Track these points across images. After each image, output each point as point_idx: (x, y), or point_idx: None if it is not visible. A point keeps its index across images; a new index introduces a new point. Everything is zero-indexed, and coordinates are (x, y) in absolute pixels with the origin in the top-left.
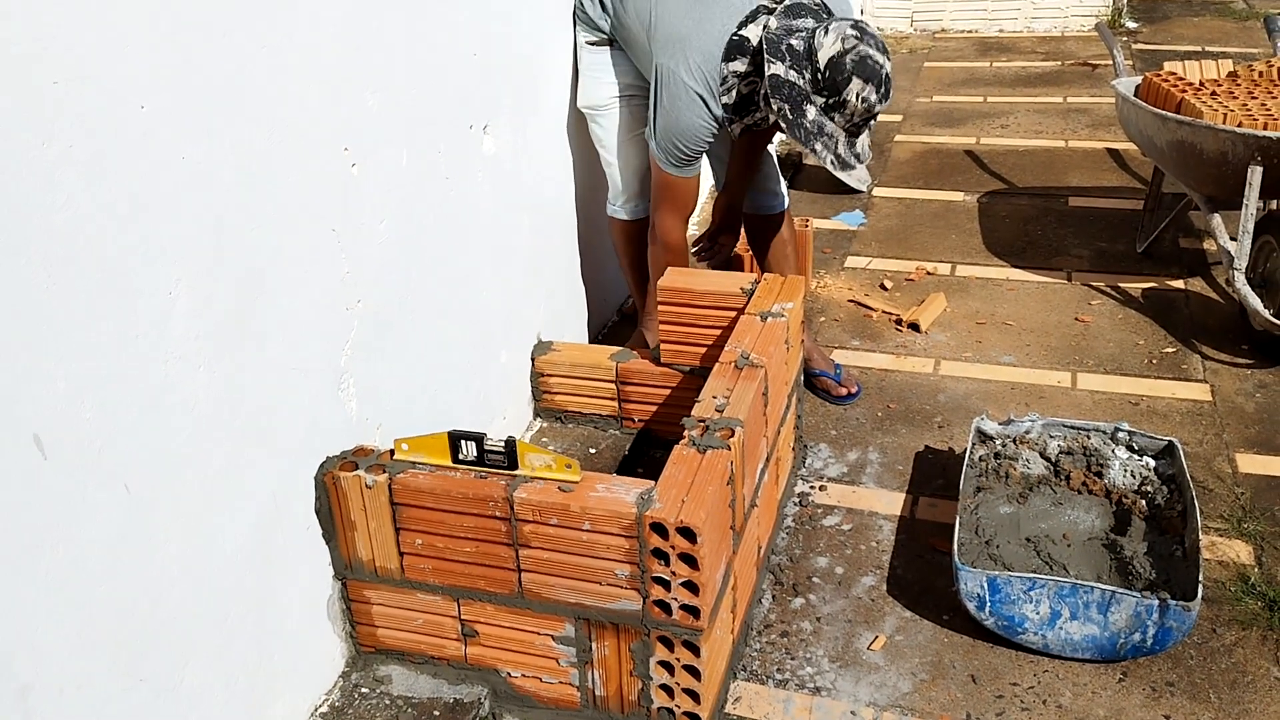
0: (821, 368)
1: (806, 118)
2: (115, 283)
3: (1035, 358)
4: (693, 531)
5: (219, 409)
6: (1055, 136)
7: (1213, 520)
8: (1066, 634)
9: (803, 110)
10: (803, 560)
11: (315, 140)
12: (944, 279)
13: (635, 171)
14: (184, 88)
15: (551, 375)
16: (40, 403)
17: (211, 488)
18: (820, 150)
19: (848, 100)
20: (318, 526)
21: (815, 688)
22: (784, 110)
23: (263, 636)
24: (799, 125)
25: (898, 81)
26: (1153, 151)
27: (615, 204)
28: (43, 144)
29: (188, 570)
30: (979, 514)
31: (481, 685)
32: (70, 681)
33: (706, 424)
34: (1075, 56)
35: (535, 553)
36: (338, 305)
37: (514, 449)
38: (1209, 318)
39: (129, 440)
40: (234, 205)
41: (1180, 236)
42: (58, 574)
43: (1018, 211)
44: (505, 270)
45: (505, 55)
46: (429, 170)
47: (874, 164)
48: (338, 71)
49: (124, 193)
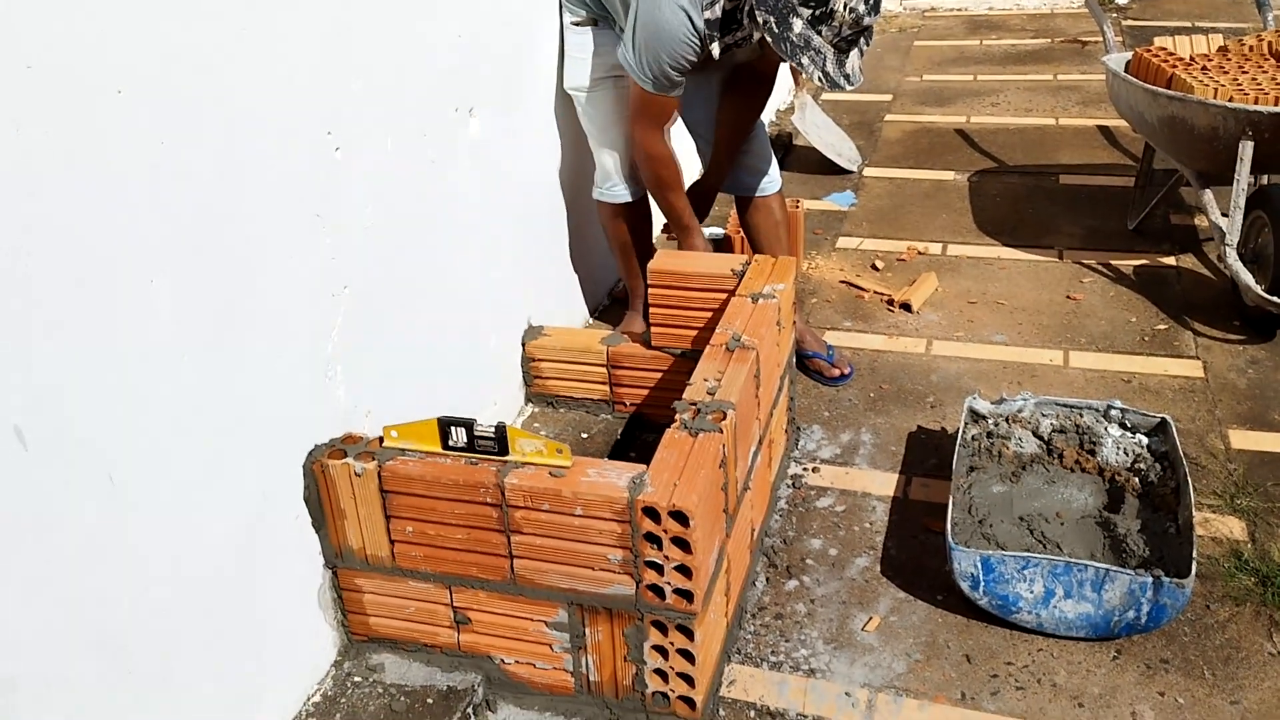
0: (814, 349)
1: (793, 31)
2: (94, 271)
3: (1027, 336)
4: (685, 515)
5: (204, 398)
6: (1046, 114)
7: (1206, 497)
8: (1061, 612)
9: (789, 23)
10: (796, 542)
11: (298, 124)
12: (935, 259)
13: (624, 154)
14: (162, 72)
15: (542, 360)
16: (20, 393)
17: (197, 478)
18: (807, 65)
19: (835, 10)
20: (307, 515)
21: (810, 669)
22: (769, 23)
23: (253, 627)
24: (785, 39)
25: (886, 61)
26: (1143, 127)
27: (602, 187)
28: (16, 129)
29: (174, 561)
30: (972, 494)
31: (475, 672)
32: (56, 675)
33: (698, 407)
34: (1065, 33)
35: (527, 539)
36: (323, 291)
37: (504, 435)
38: (1201, 294)
39: (112, 431)
40: (215, 191)
41: (1171, 213)
42: (40, 566)
43: (1009, 190)
44: (494, 254)
45: (492, 37)
46: (414, 154)
47: (864, 144)
48: (321, 54)
49: (101, 179)
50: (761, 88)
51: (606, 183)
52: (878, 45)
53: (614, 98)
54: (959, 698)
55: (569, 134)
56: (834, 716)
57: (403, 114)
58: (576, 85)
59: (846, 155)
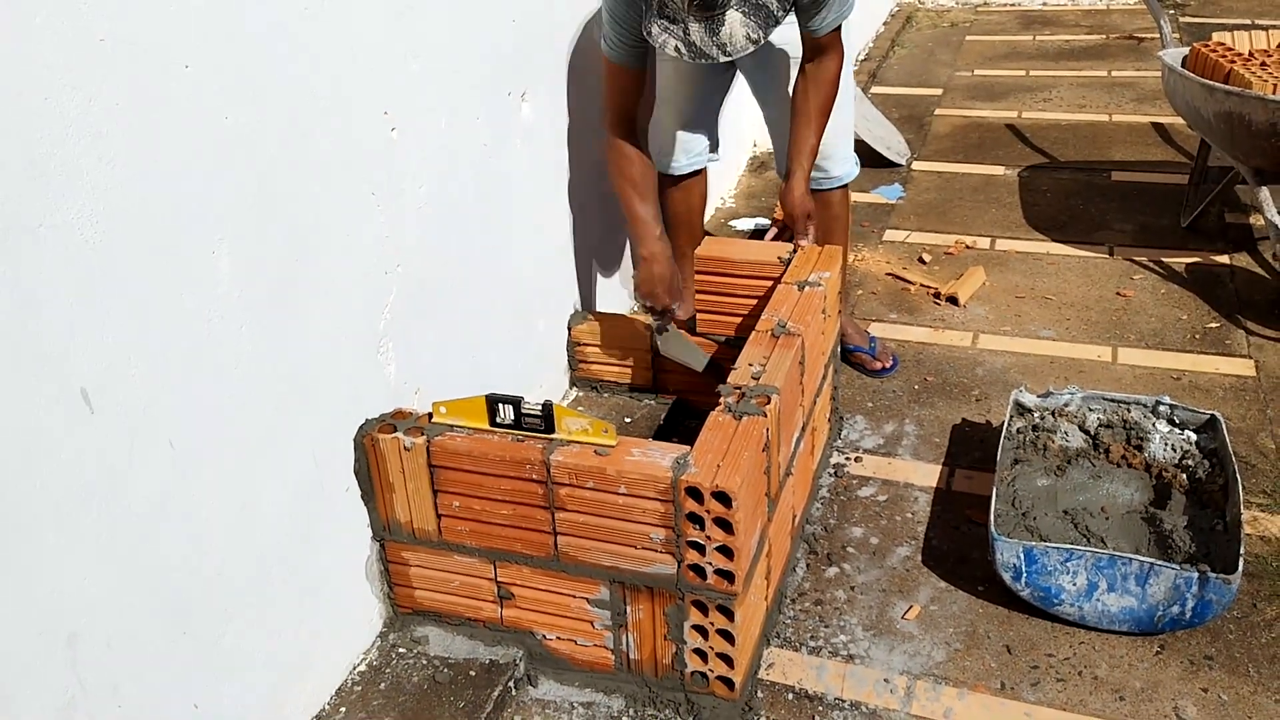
0: (856, 343)
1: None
2: (160, 240)
3: (1075, 332)
4: (728, 496)
5: (261, 368)
6: (1099, 110)
7: (1255, 496)
8: (1103, 606)
9: None
10: (837, 530)
11: (356, 104)
12: (983, 253)
13: (667, 127)
14: (228, 49)
15: (588, 344)
16: (88, 357)
17: (253, 446)
18: (657, 35)
19: None
20: (357, 488)
21: (849, 655)
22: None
23: (303, 595)
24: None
25: (938, 55)
26: (1199, 124)
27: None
28: (89, 100)
29: (230, 527)
30: (1016, 486)
31: (517, 647)
32: (116, 633)
33: (743, 391)
34: (1120, 30)
35: (571, 516)
36: (377, 269)
37: (551, 413)
38: (1254, 293)
39: (174, 397)
40: (277, 167)
41: (1226, 211)
42: (104, 527)
43: (1059, 186)
44: (542, 238)
45: (545, 22)
46: (468, 136)
47: (913, 138)
48: (380, 35)
49: (168, 151)
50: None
51: (654, 153)
52: (929, 40)
53: (667, 70)
54: (999, 687)
55: None
56: (872, 702)
57: (458, 97)
58: None
59: (895, 148)
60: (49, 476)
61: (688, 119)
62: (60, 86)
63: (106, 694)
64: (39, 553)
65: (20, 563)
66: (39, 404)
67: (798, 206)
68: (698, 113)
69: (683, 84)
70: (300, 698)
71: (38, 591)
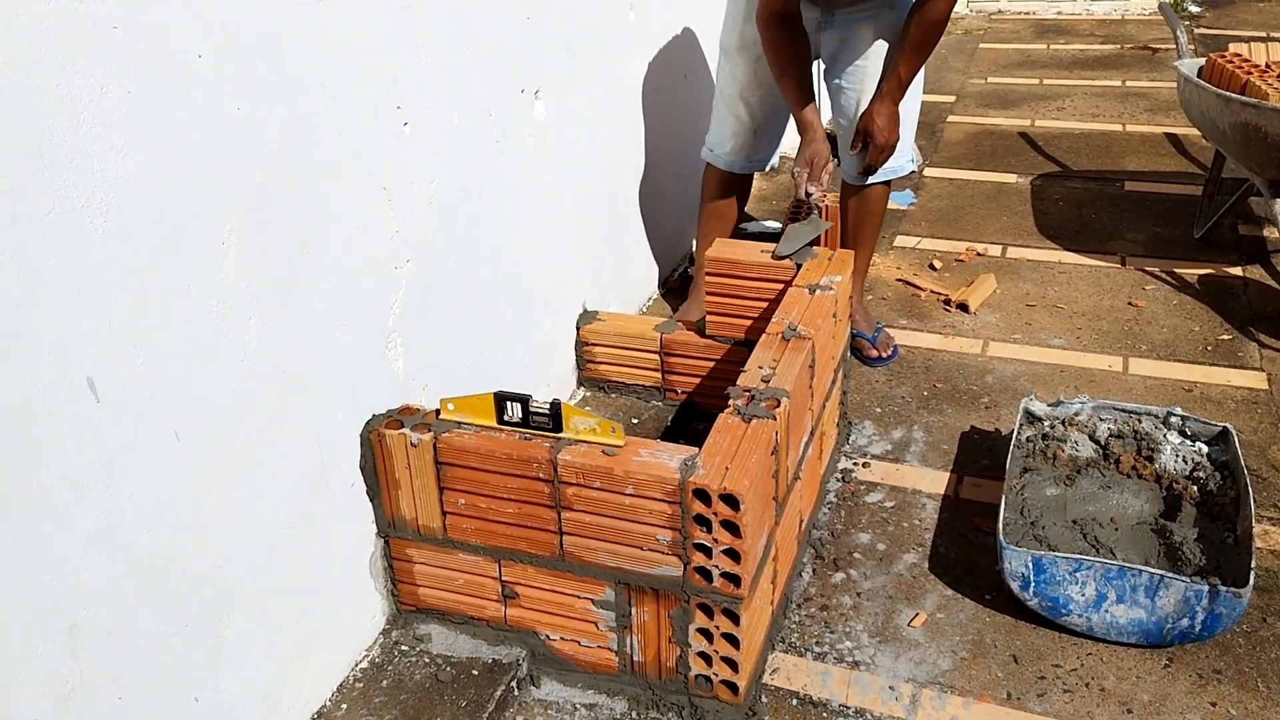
0: (859, 329)
1: None
2: (169, 229)
3: (1086, 341)
4: (736, 498)
5: (267, 360)
6: (1112, 120)
7: (1266, 509)
8: (1112, 617)
9: None
10: (844, 536)
11: (368, 97)
12: (994, 260)
13: (741, 126)
14: (239, 40)
15: (596, 344)
16: (95, 345)
17: (259, 439)
18: None
19: None
20: (362, 483)
21: (854, 662)
22: None
23: (305, 589)
24: None
25: (951, 62)
26: (1214, 134)
27: (713, 150)
28: (101, 88)
29: (233, 520)
30: (1025, 495)
31: (520, 647)
32: (116, 623)
33: (752, 393)
34: (1135, 40)
35: (577, 515)
36: (387, 264)
37: (559, 411)
38: (1267, 305)
39: (179, 387)
40: (288, 159)
41: (1240, 223)
42: (106, 516)
43: (1072, 195)
44: (552, 237)
45: (557, 20)
46: (480, 133)
47: (925, 144)
48: (391, 28)
49: (179, 141)
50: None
51: (716, 144)
52: (942, 47)
53: (748, 69)
54: (1005, 697)
55: (630, 122)
56: (877, 709)
57: (470, 93)
58: (723, 44)
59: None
60: (54, 465)
61: (759, 124)
62: (72, 73)
63: (107, 684)
64: (41, 542)
65: (22, 552)
66: (46, 392)
67: (872, 124)
68: (769, 119)
69: (759, 87)
70: (301, 693)
71: (39, 581)
